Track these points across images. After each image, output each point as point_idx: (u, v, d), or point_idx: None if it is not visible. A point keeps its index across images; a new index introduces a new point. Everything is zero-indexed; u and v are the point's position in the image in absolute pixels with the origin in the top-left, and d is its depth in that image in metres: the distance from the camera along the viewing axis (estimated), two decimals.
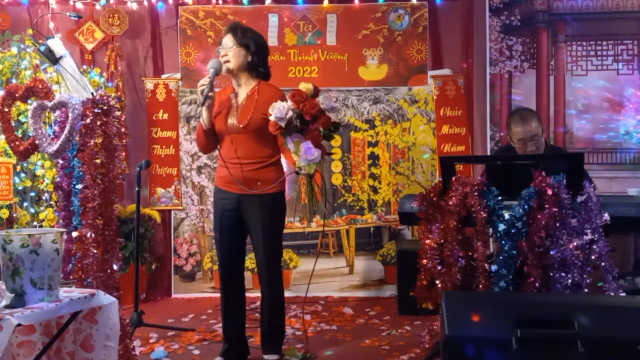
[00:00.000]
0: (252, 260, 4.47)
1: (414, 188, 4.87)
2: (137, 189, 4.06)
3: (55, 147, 2.97)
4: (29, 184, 4.46)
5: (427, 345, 3.50)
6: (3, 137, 3.56)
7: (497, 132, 4.95)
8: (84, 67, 4.86)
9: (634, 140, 4.85)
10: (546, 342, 2.27)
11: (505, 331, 2.27)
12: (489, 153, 4.86)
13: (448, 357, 2.37)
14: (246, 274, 3.53)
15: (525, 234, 2.87)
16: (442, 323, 2.40)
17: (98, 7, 5.04)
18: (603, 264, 2.82)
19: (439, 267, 3.08)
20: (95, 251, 2.96)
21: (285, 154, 3.20)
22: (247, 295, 3.53)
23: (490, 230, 2.99)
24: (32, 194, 4.53)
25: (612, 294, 2.82)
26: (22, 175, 4.46)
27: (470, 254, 3.02)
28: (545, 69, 4.94)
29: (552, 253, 2.84)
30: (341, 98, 5.05)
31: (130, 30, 5.08)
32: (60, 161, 3.13)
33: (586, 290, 2.81)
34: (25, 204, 4.49)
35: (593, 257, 2.82)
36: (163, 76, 5.11)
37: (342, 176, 5.07)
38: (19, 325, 2.14)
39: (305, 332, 3.86)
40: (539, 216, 2.83)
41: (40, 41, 3.54)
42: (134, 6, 5.06)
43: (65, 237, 2.71)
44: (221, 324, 3.55)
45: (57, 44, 3.20)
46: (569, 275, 2.81)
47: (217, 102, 3.35)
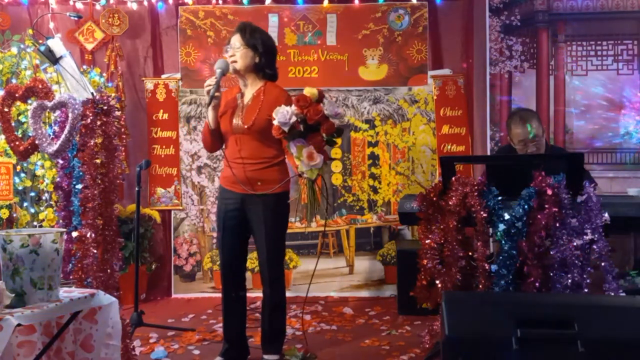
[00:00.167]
0: (252, 260, 4.47)
1: (414, 188, 4.87)
2: (137, 189, 4.06)
3: (55, 147, 2.97)
4: (29, 184, 4.45)
5: (427, 345, 3.50)
6: (3, 137, 3.56)
7: (497, 132, 4.95)
8: (84, 67, 4.85)
9: (634, 140, 4.85)
10: (546, 342, 2.27)
11: (505, 331, 2.27)
12: (489, 153, 4.86)
13: (448, 357, 2.36)
14: (247, 274, 3.53)
15: (525, 234, 2.86)
16: (442, 323, 2.40)
17: (98, 7, 5.04)
18: (603, 264, 2.82)
19: (439, 267, 3.08)
20: (95, 251, 2.96)
21: (289, 157, 3.20)
22: (248, 295, 3.53)
23: (490, 230, 2.99)
24: (32, 194, 4.53)
25: (612, 294, 2.82)
26: (22, 175, 4.46)
27: (470, 254, 3.02)
28: (545, 69, 4.94)
29: (552, 253, 2.84)
30: (341, 98, 5.05)
31: (130, 30, 5.08)
32: (60, 161, 3.14)
33: (586, 290, 2.81)
34: (25, 204, 4.49)
35: (593, 257, 2.82)
36: (163, 76, 5.10)
37: (342, 176, 5.07)
38: (19, 325, 2.14)
39: (304, 333, 3.85)
40: (539, 216, 2.83)
41: (40, 41, 3.54)
42: (134, 6, 5.06)
43: (65, 237, 2.71)
44: (221, 324, 3.55)
45: (57, 44, 3.20)
46: (569, 275, 2.81)
47: (223, 102, 3.35)
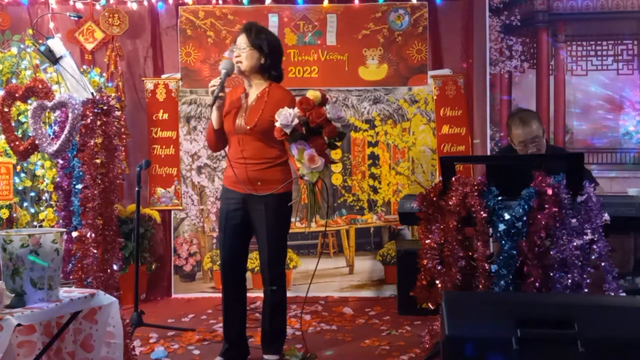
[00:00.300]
0: (252, 261, 4.47)
1: (414, 188, 4.87)
2: (137, 189, 4.06)
3: (55, 147, 2.97)
4: (29, 184, 4.45)
5: (427, 345, 3.50)
6: (3, 137, 3.56)
7: (497, 132, 4.95)
8: (84, 67, 4.85)
9: (634, 141, 4.85)
10: (546, 342, 2.27)
11: (505, 331, 2.26)
12: (489, 153, 4.86)
13: (448, 357, 2.36)
14: (247, 274, 3.53)
15: (525, 234, 2.87)
16: (442, 323, 2.40)
17: (98, 7, 5.04)
18: (603, 264, 2.82)
19: (439, 267, 3.08)
20: (95, 251, 2.96)
21: (291, 158, 3.20)
22: (248, 295, 3.52)
23: (490, 230, 2.99)
24: (32, 194, 4.53)
25: (612, 294, 2.82)
26: (22, 175, 4.46)
27: (470, 254, 3.02)
28: (545, 69, 4.94)
29: (552, 253, 2.84)
30: (341, 98, 5.05)
31: (130, 30, 5.07)
32: (60, 161, 3.14)
33: (586, 290, 2.81)
34: (25, 204, 4.49)
35: (593, 257, 2.82)
36: (163, 76, 5.10)
37: (342, 176, 5.07)
38: (19, 325, 2.14)
39: (303, 333, 3.85)
40: (539, 216, 2.83)
41: (40, 41, 3.54)
42: (134, 6, 5.06)
43: (65, 237, 2.72)
44: (221, 324, 3.55)
45: (57, 44, 3.20)
46: (569, 275, 2.81)
47: (227, 102, 3.34)
